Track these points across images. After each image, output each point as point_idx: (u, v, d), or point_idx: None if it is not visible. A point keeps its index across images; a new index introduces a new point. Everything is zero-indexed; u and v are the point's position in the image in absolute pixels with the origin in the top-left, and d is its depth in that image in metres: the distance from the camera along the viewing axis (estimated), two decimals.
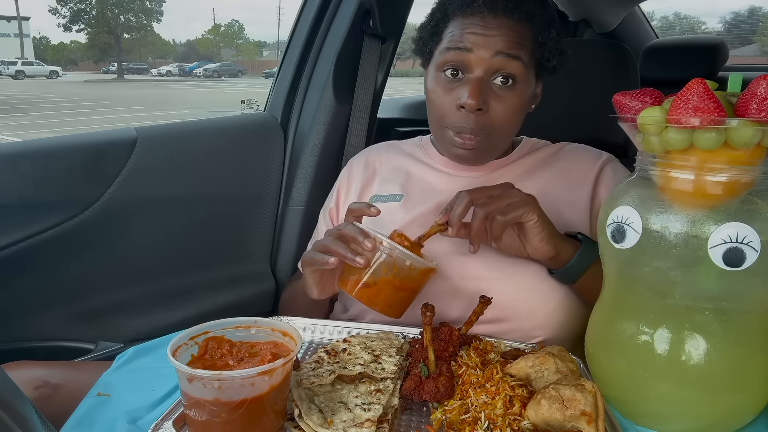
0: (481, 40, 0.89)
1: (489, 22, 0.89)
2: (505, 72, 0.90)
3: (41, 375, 0.83)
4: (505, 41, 0.88)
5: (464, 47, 0.90)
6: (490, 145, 0.95)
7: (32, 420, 0.46)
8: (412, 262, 0.77)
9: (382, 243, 0.77)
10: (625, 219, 0.62)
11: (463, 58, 0.90)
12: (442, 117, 0.94)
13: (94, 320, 1.17)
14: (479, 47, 0.89)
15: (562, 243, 0.85)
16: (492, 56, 0.88)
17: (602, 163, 1.01)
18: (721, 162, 0.56)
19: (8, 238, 1.06)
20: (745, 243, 0.55)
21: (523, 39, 0.90)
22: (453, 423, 0.64)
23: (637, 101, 0.63)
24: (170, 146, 1.23)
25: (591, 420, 0.57)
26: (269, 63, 52.90)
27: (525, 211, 0.80)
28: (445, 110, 0.93)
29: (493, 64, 0.89)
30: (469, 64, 0.90)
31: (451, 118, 0.92)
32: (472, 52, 0.89)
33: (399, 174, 1.07)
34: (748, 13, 42.94)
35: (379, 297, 0.78)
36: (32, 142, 1.15)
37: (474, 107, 0.88)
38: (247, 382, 0.56)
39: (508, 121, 0.93)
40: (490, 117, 0.91)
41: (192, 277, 1.29)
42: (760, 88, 0.55)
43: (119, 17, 48.62)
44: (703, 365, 0.60)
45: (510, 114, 0.92)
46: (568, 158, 1.03)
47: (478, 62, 0.89)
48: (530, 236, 0.82)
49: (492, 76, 0.90)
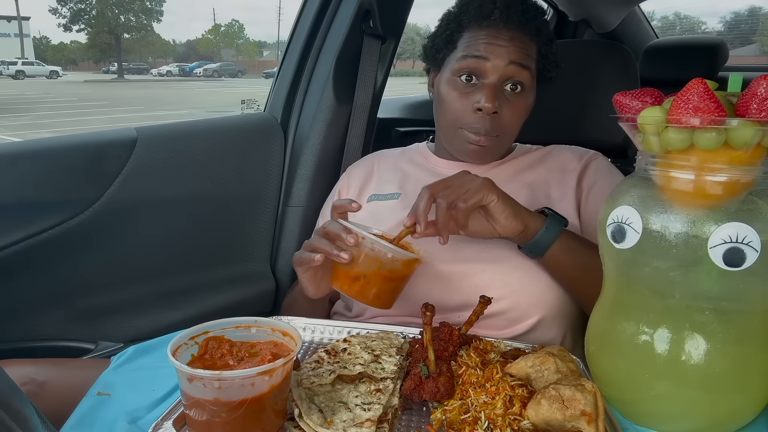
0: (497, 49, 0.97)
1: (503, 34, 0.98)
2: (516, 80, 0.99)
3: (28, 372, 0.83)
4: (518, 52, 0.97)
5: (481, 56, 0.98)
6: (499, 146, 1.04)
7: (32, 419, 0.46)
8: (394, 254, 0.80)
9: (364, 238, 0.79)
10: (625, 219, 0.62)
11: (480, 65, 0.98)
12: (458, 119, 1.01)
13: (94, 320, 1.17)
14: (495, 56, 0.97)
15: (529, 217, 0.88)
16: (506, 65, 0.97)
17: (587, 160, 1.07)
18: (722, 162, 0.56)
19: (8, 238, 1.06)
20: (745, 243, 0.55)
21: (531, 51, 1.00)
22: (453, 423, 0.64)
23: (637, 101, 0.63)
24: (170, 146, 1.23)
25: (591, 420, 0.57)
26: (269, 63, 52.92)
27: (484, 194, 0.83)
28: (460, 112, 1.00)
29: (507, 72, 0.98)
30: (484, 71, 0.98)
31: (467, 120, 1.00)
32: (489, 61, 0.97)
33: (397, 175, 1.13)
34: (748, 13, 42.96)
35: (366, 289, 0.81)
36: (32, 142, 1.15)
37: (491, 110, 0.96)
38: (247, 381, 0.56)
39: (516, 125, 1.02)
40: (502, 120, 0.99)
41: (192, 277, 1.29)
42: (760, 88, 0.55)
43: (119, 17, 48.61)
44: (703, 365, 0.60)
45: (517, 118, 1.01)
46: (557, 157, 1.10)
47: (493, 70, 0.98)
48: (496, 216, 0.85)
49: (504, 82, 0.99)
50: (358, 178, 1.17)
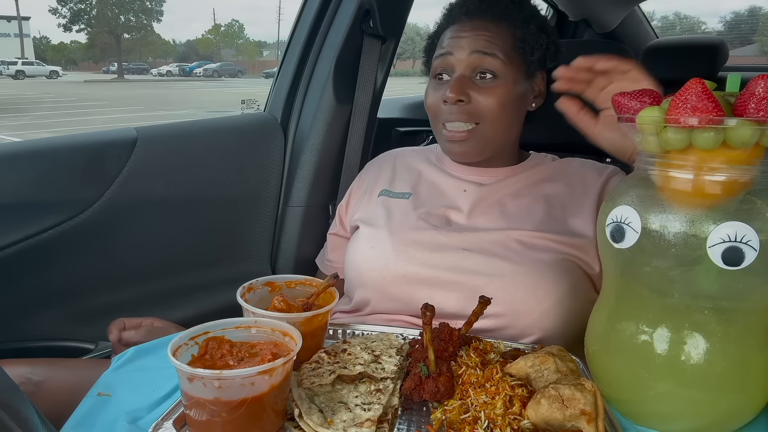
0: (458, 42, 0.99)
1: (465, 26, 1.00)
2: (484, 68, 0.98)
3: (23, 372, 0.84)
4: (480, 40, 0.98)
5: (446, 52, 1.00)
6: (481, 136, 1.00)
7: (32, 419, 0.46)
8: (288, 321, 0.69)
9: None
10: (624, 219, 0.62)
11: (446, 62, 1.00)
12: (434, 115, 1.03)
13: (94, 320, 1.17)
14: (458, 49, 0.99)
15: None
16: (468, 55, 0.98)
17: (608, 175, 1.04)
18: (720, 161, 0.57)
19: (8, 238, 1.06)
20: (744, 242, 0.55)
21: (498, 37, 0.98)
22: (453, 423, 0.64)
23: (635, 101, 0.63)
24: (170, 146, 1.23)
25: (591, 419, 0.57)
26: (269, 63, 52.86)
27: None
28: (435, 108, 1.02)
29: (471, 62, 0.98)
30: (451, 65, 1.00)
31: (440, 113, 1.01)
32: (453, 55, 0.99)
33: (411, 174, 1.12)
34: (748, 13, 42.92)
35: (305, 355, 0.74)
36: (32, 142, 1.15)
37: (453, 99, 0.96)
38: (247, 381, 0.56)
39: (495, 111, 0.98)
40: (474, 107, 0.98)
41: (192, 277, 1.29)
42: (758, 88, 0.55)
43: (119, 17, 48.61)
44: (702, 365, 0.60)
45: (495, 104, 0.98)
46: (576, 173, 1.06)
47: (457, 63, 0.99)
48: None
49: (473, 72, 0.99)
50: (372, 174, 1.17)
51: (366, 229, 1.03)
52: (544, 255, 0.92)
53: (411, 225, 1.00)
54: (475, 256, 0.93)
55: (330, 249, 1.19)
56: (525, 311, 0.90)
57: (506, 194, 1.03)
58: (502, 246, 0.94)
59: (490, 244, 0.94)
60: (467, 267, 0.93)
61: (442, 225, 1.00)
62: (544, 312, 0.90)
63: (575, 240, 0.94)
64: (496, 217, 0.99)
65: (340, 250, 1.16)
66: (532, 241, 0.94)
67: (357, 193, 1.16)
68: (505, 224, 0.97)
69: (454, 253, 0.94)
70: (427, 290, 0.93)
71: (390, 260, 0.96)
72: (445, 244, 0.96)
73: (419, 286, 0.94)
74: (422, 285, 0.94)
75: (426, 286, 0.94)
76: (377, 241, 0.99)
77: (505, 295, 0.89)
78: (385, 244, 0.98)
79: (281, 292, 0.81)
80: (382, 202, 1.08)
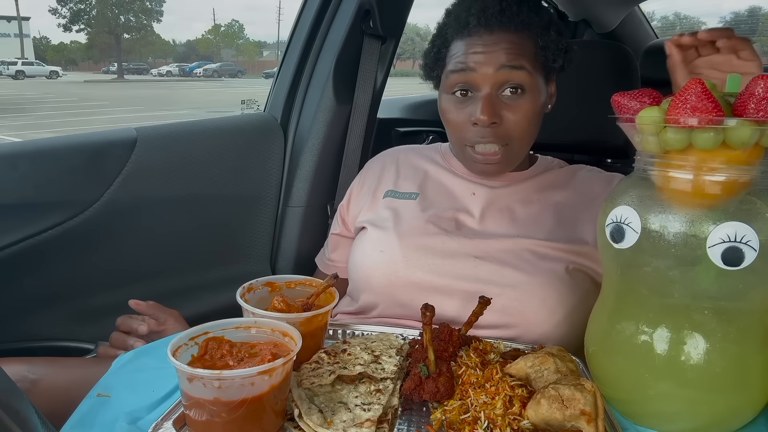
0: (482, 58, 0.92)
1: (487, 40, 0.92)
2: (512, 83, 0.92)
3: (20, 370, 0.83)
4: (506, 54, 0.91)
5: (468, 68, 0.93)
6: (511, 155, 0.98)
7: (32, 419, 0.46)
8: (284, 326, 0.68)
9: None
10: (624, 219, 0.62)
11: (469, 78, 0.93)
12: (460, 135, 0.97)
13: (94, 320, 1.17)
14: (482, 65, 0.92)
15: None
16: (496, 71, 0.91)
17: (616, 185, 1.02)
18: (720, 162, 0.57)
19: (8, 238, 1.06)
20: (743, 242, 0.55)
21: (523, 48, 0.93)
22: (453, 423, 0.64)
23: (635, 101, 0.63)
24: (170, 146, 1.23)
25: (591, 419, 0.57)
26: (269, 63, 52.86)
27: None
28: (461, 128, 0.96)
29: (499, 78, 0.92)
30: (475, 82, 0.93)
31: (468, 134, 0.95)
32: (476, 71, 0.92)
33: (417, 173, 1.10)
34: (748, 13, 42.92)
35: (305, 356, 0.74)
36: (32, 142, 1.15)
37: (487, 122, 0.91)
38: (247, 381, 0.56)
39: (524, 129, 0.95)
40: (505, 128, 0.94)
41: (192, 277, 1.29)
42: (757, 88, 0.55)
43: (119, 17, 48.63)
44: (702, 364, 0.60)
45: (525, 122, 0.94)
46: (585, 181, 1.05)
47: (483, 79, 0.92)
48: None
49: (500, 89, 0.93)
50: (375, 173, 1.14)
51: (373, 231, 1.01)
52: (555, 265, 0.91)
53: (420, 229, 0.98)
54: (487, 265, 0.92)
55: (332, 249, 1.19)
56: (537, 322, 0.89)
57: (516, 200, 1.01)
58: (514, 255, 0.92)
59: (501, 253, 0.93)
60: (479, 276, 0.91)
61: (452, 229, 0.98)
62: (557, 323, 0.89)
63: (585, 249, 0.94)
64: (507, 223, 0.98)
65: (342, 250, 1.16)
66: (543, 251, 0.93)
67: (358, 193, 1.15)
68: (516, 231, 0.96)
69: (465, 261, 0.93)
70: (439, 298, 0.90)
71: (399, 266, 0.95)
72: (456, 251, 0.94)
73: (431, 294, 0.91)
74: (434, 293, 0.92)
75: (438, 294, 0.92)
76: (386, 245, 0.97)
77: (518, 305, 0.88)
78: (393, 249, 0.96)
79: (281, 293, 0.81)
80: (388, 203, 1.06)
